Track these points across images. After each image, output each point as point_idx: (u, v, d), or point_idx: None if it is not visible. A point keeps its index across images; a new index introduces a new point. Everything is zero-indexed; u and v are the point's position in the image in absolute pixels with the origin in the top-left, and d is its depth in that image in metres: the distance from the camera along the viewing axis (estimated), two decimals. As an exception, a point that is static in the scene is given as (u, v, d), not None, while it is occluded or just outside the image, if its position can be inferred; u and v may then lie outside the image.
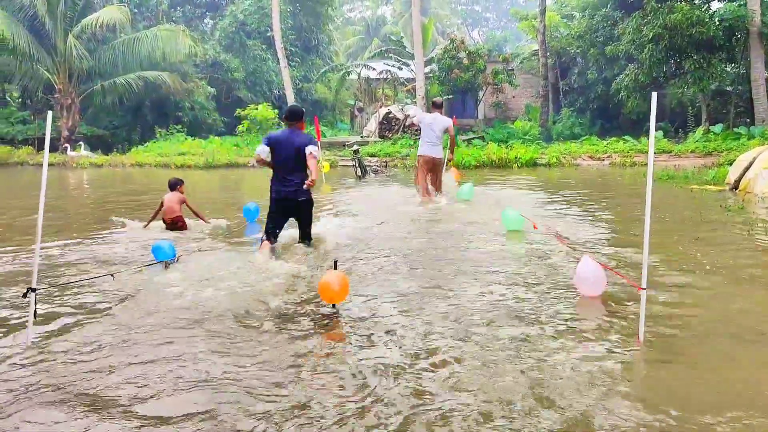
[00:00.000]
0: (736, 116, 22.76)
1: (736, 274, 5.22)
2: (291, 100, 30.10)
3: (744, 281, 5.04)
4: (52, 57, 27.79)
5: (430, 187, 10.07)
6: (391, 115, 26.54)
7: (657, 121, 24.16)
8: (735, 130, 21.12)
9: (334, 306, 4.28)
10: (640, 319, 3.63)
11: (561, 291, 4.74)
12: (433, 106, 10.37)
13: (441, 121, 9.94)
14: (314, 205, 6.50)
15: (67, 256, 6.42)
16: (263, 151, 6.32)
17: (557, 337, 3.76)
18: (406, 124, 12.62)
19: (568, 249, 6.22)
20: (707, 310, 4.29)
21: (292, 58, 33.95)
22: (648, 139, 3.21)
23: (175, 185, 8.21)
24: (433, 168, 10.03)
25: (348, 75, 35.28)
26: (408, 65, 32.55)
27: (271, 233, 6.32)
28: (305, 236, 6.54)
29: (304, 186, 6.08)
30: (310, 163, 6.14)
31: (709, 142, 20.08)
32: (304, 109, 6.89)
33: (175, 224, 8.01)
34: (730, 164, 12.90)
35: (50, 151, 24.90)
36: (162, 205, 7.98)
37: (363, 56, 45.99)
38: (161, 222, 8.05)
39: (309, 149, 6.14)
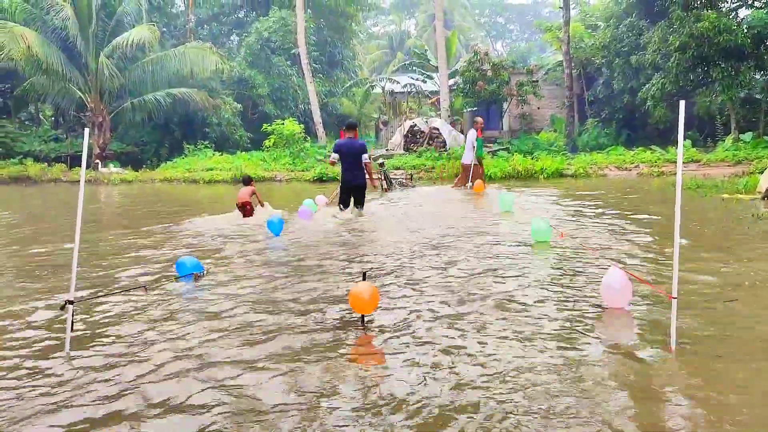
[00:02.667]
0: (766, 124, 22.40)
1: (766, 282, 5.15)
2: (316, 114, 30.41)
3: (777, 290, 4.97)
4: (84, 76, 28.48)
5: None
6: (416, 128, 26.63)
7: (685, 130, 23.97)
8: (766, 138, 20.79)
9: (363, 318, 4.30)
10: (671, 328, 3.61)
11: (590, 301, 4.72)
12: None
13: (469, 135, 14.87)
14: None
15: (113, 267, 6.57)
16: (335, 157, 10.15)
17: (588, 345, 3.75)
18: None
19: (595, 259, 6.19)
20: (739, 321, 4.24)
21: (317, 73, 34.33)
22: (676, 148, 3.21)
23: (248, 181, 11.36)
24: (463, 168, 14.94)
25: (372, 89, 35.56)
26: (432, 78, 32.71)
27: (345, 204, 10.28)
28: (359, 205, 10.27)
29: (373, 186, 10.59)
30: (368, 168, 10.16)
31: (739, 150, 19.79)
32: (358, 121, 11.44)
33: (244, 208, 10.69)
34: (761, 173, 12.70)
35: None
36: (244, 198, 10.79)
37: (387, 70, 46.34)
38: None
39: (364, 158, 9.99)
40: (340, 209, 10.28)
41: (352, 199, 10.30)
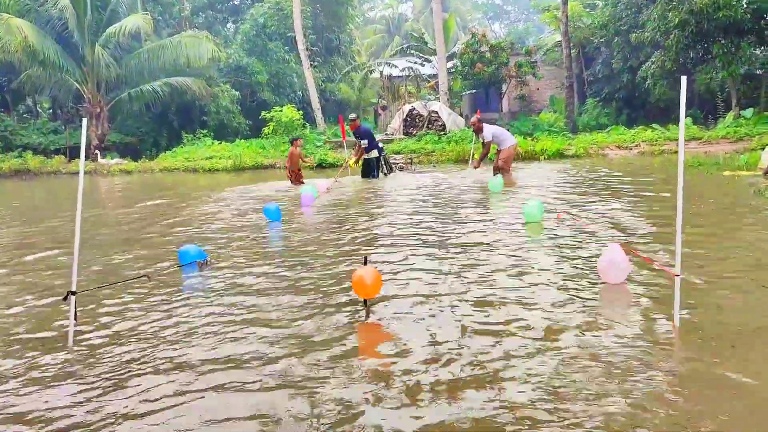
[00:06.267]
0: (767, 100, 22.26)
1: (771, 259, 5.14)
2: (315, 100, 30.26)
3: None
4: (81, 67, 28.33)
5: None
6: (414, 112, 26.51)
7: (686, 107, 23.72)
8: (766, 114, 20.67)
9: (366, 302, 4.30)
10: (674, 305, 3.61)
11: (590, 279, 4.71)
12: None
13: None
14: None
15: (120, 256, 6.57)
16: (365, 143, 14.09)
17: (591, 322, 3.75)
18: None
19: (594, 237, 6.18)
20: (741, 296, 4.24)
21: (314, 59, 34.11)
22: (677, 125, 3.17)
23: (293, 140, 14.39)
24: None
25: (370, 74, 35.35)
26: (430, 61, 32.52)
27: (366, 176, 14.22)
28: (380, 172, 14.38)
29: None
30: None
31: (740, 127, 19.67)
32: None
33: (298, 179, 13.76)
34: (763, 149, 12.64)
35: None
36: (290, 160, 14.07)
37: (385, 54, 46.06)
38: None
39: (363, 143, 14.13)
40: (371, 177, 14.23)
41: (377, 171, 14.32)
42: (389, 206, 9.79)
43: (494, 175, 12.12)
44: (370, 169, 14.51)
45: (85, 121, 3.88)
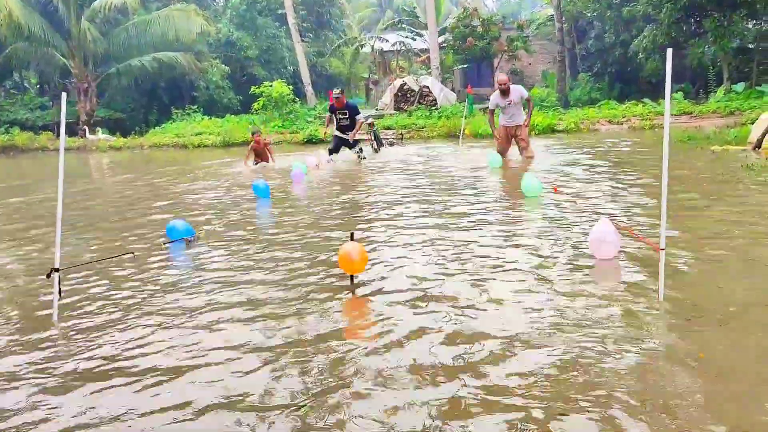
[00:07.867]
0: (759, 74, 22.18)
1: (757, 234, 5.15)
2: (306, 75, 30.00)
3: (766, 241, 4.97)
4: (67, 42, 27.93)
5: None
6: (406, 87, 26.31)
7: (677, 82, 23.81)
8: (758, 88, 20.61)
9: (352, 278, 4.29)
10: (659, 278, 3.61)
11: (578, 253, 4.72)
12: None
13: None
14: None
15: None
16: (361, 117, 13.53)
17: (577, 297, 3.76)
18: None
19: (583, 211, 6.18)
20: (729, 272, 4.25)
21: (305, 34, 33.73)
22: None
23: (253, 133, 13.52)
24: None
25: (362, 48, 35.01)
26: (422, 36, 32.25)
27: (334, 152, 13.11)
28: (353, 147, 13.17)
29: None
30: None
31: (731, 101, 19.64)
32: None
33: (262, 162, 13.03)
34: (753, 123, 12.62)
35: (69, 135, 24.88)
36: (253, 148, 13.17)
37: (376, 28, 45.51)
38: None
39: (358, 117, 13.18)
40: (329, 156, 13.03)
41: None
42: (380, 182, 9.77)
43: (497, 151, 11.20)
44: (341, 143, 13.31)
45: (63, 95, 3.81)
